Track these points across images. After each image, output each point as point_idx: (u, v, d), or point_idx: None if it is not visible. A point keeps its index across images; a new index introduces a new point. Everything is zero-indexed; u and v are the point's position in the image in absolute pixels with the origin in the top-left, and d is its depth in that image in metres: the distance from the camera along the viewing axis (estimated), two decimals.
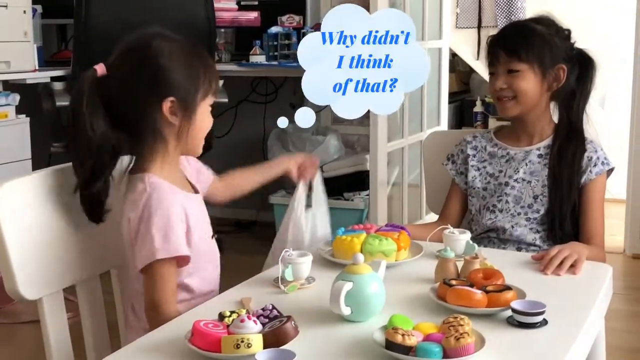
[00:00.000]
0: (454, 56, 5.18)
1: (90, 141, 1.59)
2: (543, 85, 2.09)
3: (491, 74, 2.14)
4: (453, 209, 2.24)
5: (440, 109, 4.39)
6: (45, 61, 4.05)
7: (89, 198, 1.63)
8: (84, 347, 1.73)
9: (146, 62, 1.63)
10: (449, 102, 4.61)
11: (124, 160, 1.71)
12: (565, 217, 2.06)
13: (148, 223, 1.58)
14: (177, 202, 1.63)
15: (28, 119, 3.54)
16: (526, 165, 2.13)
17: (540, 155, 2.13)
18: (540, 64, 2.07)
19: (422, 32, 4.03)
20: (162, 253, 1.56)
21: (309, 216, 1.99)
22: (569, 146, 2.09)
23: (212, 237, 1.76)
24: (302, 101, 4.57)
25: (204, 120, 1.70)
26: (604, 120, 5.45)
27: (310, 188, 2.03)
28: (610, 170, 2.12)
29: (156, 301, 1.58)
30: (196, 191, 1.77)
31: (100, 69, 1.64)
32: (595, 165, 2.08)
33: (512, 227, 2.09)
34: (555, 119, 2.16)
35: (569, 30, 2.15)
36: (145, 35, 1.68)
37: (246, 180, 2.05)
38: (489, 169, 2.18)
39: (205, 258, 1.71)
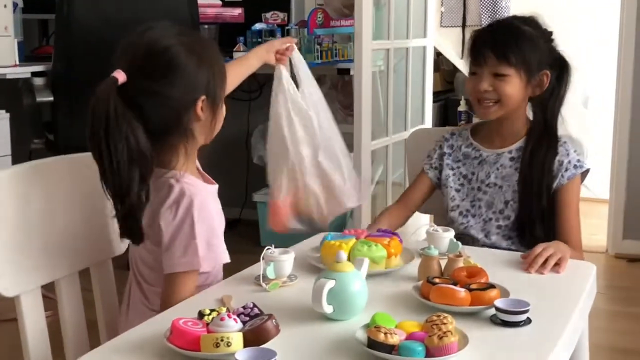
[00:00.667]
0: (438, 55, 5.18)
1: (132, 147, 1.53)
2: (527, 90, 2.05)
3: (473, 73, 2.08)
4: (415, 197, 2.22)
5: (425, 107, 4.38)
6: (26, 56, 4.01)
7: (130, 215, 1.56)
8: (62, 346, 1.70)
9: (175, 68, 1.61)
10: (433, 101, 4.61)
11: None
12: (535, 223, 2.03)
13: (192, 231, 1.58)
14: (216, 206, 1.67)
15: (8, 114, 3.49)
16: (497, 169, 2.09)
17: (512, 159, 2.09)
18: (527, 69, 2.03)
19: (406, 30, 4.02)
20: (205, 265, 1.59)
21: (305, 94, 1.98)
22: (540, 150, 2.05)
23: None
24: None
25: (223, 113, 1.73)
26: (587, 120, 5.48)
27: (291, 67, 2.01)
28: (586, 172, 2.09)
29: (174, 303, 1.54)
30: (211, 182, 1.77)
31: (121, 76, 1.57)
32: (567, 170, 2.04)
33: (485, 235, 2.07)
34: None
35: (551, 33, 2.11)
36: (164, 36, 1.64)
37: (232, 75, 1.97)
38: (462, 170, 2.15)
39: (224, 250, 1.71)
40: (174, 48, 1.62)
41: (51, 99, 3.66)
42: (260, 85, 4.56)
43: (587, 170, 2.09)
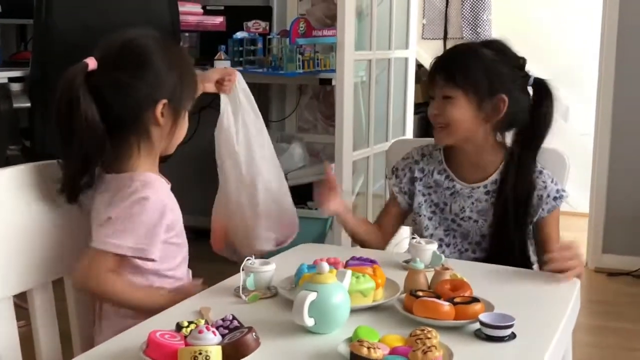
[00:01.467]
0: (419, 67, 5.18)
1: (83, 131, 1.59)
2: (479, 115, 1.95)
3: (431, 98, 2.02)
4: (388, 224, 2.13)
5: (406, 119, 4.37)
6: (4, 61, 3.97)
7: (74, 190, 1.65)
8: (35, 356, 1.66)
9: (145, 64, 1.66)
10: (415, 113, 4.59)
11: None
12: (510, 257, 1.93)
13: (132, 219, 1.60)
14: (171, 203, 1.68)
15: None
16: (472, 203, 2.01)
17: (487, 192, 2.01)
18: (476, 91, 1.93)
19: (388, 41, 4.01)
20: (114, 248, 1.60)
21: (238, 123, 2.03)
22: (516, 186, 1.96)
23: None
24: (266, 108, 4.54)
25: (185, 124, 1.76)
26: (567, 134, 5.50)
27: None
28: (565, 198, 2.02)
29: (84, 278, 1.62)
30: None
31: (92, 62, 1.64)
32: (547, 203, 1.97)
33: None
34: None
35: (523, 59, 2.01)
36: (142, 36, 1.70)
37: None
38: (433, 198, 2.06)
39: (177, 250, 1.75)
40: (149, 47, 1.68)
41: (28, 105, 3.61)
42: None
43: (566, 196, 2.02)
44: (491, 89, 1.95)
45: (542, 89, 2.00)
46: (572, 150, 1.97)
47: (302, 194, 3.98)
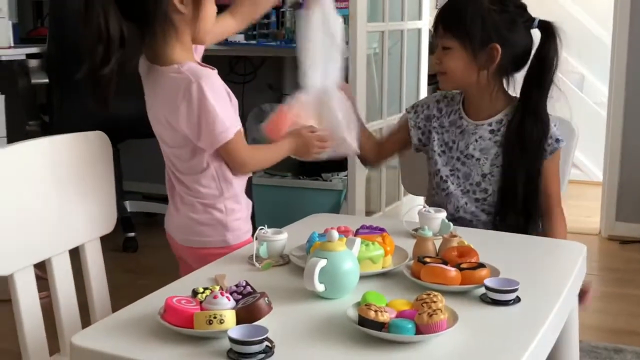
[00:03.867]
0: (433, 37, 5.17)
1: (101, 28, 1.67)
2: (474, 63, 2.03)
3: (436, 46, 2.12)
4: (388, 145, 2.31)
5: (420, 90, 4.38)
6: (21, 38, 4.01)
7: (99, 83, 1.73)
8: (55, 326, 1.72)
9: None
10: (428, 84, 4.60)
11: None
12: (517, 199, 2.03)
13: (207, 107, 1.72)
14: (223, 85, 1.79)
15: (3, 96, 3.50)
16: (476, 141, 2.09)
17: (491, 131, 2.08)
18: (471, 42, 2.02)
19: (401, 12, 4.01)
20: (232, 130, 1.77)
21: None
22: (525, 127, 2.03)
23: None
24: (280, 82, 4.57)
25: (210, 8, 1.79)
26: (581, 103, 5.49)
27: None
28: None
29: (239, 167, 1.85)
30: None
31: None
32: (549, 145, 2.05)
33: (465, 203, 2.08)
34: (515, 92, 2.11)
35: (523, 4, 2.08)
36: None
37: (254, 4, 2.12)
38: (445, 137, 2.14)
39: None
40: None
41: (46, 80, 3.66)
42: (255, 68, 4.57)
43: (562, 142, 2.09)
44: (485, 38, 2.02)
45: (548, 30, 2.05)
46: (587, 120, 2.02)
47: (316, 166, 4.02)
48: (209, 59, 4.09)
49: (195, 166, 1.83)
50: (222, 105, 1.75)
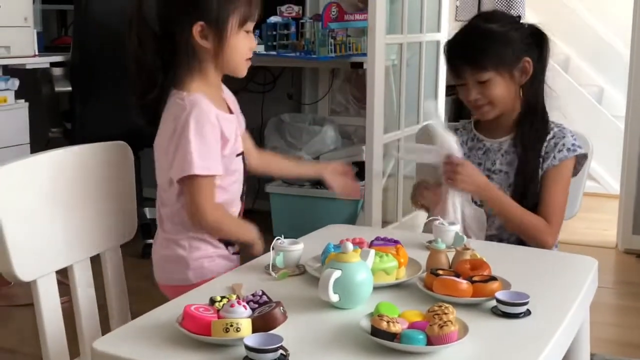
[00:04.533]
0: (444, 47, 5.19)
1: (141, 60, 1.74)
2: (513, 83, 2.09)
3: (461, 84, 2.11)
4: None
5: (437, 101, 4.40)
6: (45, 47, 4.07)
7: (147, 107, 1.77)
8: (76, 331, 1.75)
9: None
10: (447, 95, 4.62)
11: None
12: (527, 202, 2.06)
13: (187, 138, 1.69)
14: (213, 120, 1.74)
15: (27, 103, 3.57)
16: (502, 156, 2.13)
17: (515, 144, 2.12)
18: (506, 66, 2.06)
19: (420, 24, 4.05)
20: (198, 170, 1.70)
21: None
22: (531, 130, 2.09)
23: (239, 155, 1.85)
24: (299, 91, 4.61)
25: (239, 43, 1.78)
26: (600, 117, 5.49)
27: None
28: (583, 158, 2.12)
29: (194, 211, 1.74)
30: (231, 112, 1.86)
31: None
32: (560, 151, 2.07)
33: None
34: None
35: (519, 16, 2.14)
36: None
37: (283, 164, 2.15)
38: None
39: (230, 175, 1.82)
40: None
41: (69, 89, 3.72)
42: (274, 78, 4.61)
43: (585, 157, 2.12)
44: (515, 57, 2.07)
45: (537, 33, 2.12)
46: (605, 132, 2.03)
47: None
48: None
49: (170, 198, 1.81)
50: (202, 143, 1.71)
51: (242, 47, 1.79)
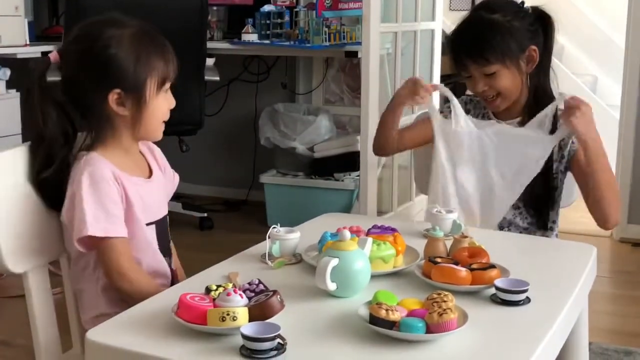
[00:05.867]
0: (446, 38, 5.18)
1: (41, 133, 1.62)
2: (521, 71, 2.07)
3: (467, 77, 2.10)
4: (408, 135, 2.27)
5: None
6: (37, 36, 4.05)
7: (44, 185, 1.63)
8: (68, 322, 1.74)
9: (93, 52, 1.60)
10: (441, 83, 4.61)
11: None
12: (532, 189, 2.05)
13: (80, 196, 1.57)
14: (109, 177, 1.61)
15: (18, 93, 3.54)
16: None
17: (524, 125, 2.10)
18: (511, 57, 2.04)
19: (415, 13, 4.03)
20: (92, 230, 1.55)
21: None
22: (537, 110, 2.06)
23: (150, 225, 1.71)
24: (294, 81, 4.58)
25: (158, 107, 1.68)
26: (595, 106, 5.48)
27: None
28: None
29: (109, 274, 1.60)
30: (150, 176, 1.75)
31: (54, 57, 1.64)
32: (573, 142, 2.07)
33: None
34: None
35: (522, 2, 2.11)
36: (96, 22, 1.65)
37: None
38: None
39: (140, 244, 1.68)
40: (100, 37, 1.61)
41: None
42: (268, 67, 4.58)
43: None
44: (521, 47, 2.05)
45: (542, 16, 2.11)
46: (599, 122, 2.01)
47: (328, 166, 4.04)
48: (223, 59, 4.14)
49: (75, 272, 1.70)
50: (96, 202, 1.57)
51: (162, 109, 1.68)
